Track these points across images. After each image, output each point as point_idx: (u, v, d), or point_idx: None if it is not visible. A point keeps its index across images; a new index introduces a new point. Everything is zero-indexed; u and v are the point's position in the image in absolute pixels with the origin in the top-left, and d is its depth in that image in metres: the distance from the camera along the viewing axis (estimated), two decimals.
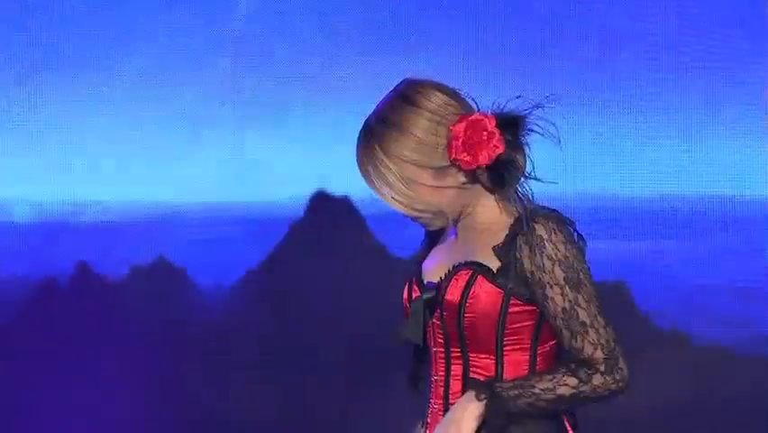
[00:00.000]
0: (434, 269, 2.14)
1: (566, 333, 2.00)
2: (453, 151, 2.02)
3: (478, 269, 2.04)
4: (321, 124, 5.13)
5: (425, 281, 2.12)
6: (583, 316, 1.99)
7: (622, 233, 5.00)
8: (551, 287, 1.99)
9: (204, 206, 5.20)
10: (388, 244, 5.15)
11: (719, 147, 4.92)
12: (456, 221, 2.11)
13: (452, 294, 2.05)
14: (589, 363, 1.98)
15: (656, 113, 4.93)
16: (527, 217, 2.01)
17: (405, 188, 2.04)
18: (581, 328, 1.99)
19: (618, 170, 4.99)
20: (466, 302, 2.04)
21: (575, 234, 2.04)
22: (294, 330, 5.20)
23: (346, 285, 5.18)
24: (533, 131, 2.06)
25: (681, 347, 5.02)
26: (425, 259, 2.19)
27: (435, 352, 2.12)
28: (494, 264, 2.03)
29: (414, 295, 2.13)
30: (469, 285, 2.04)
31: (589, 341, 1.99)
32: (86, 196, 5.22)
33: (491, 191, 2.08)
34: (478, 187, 2.08)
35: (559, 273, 1.99)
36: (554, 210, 2.06)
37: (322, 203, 5.20)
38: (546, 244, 1.99)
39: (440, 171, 2.05)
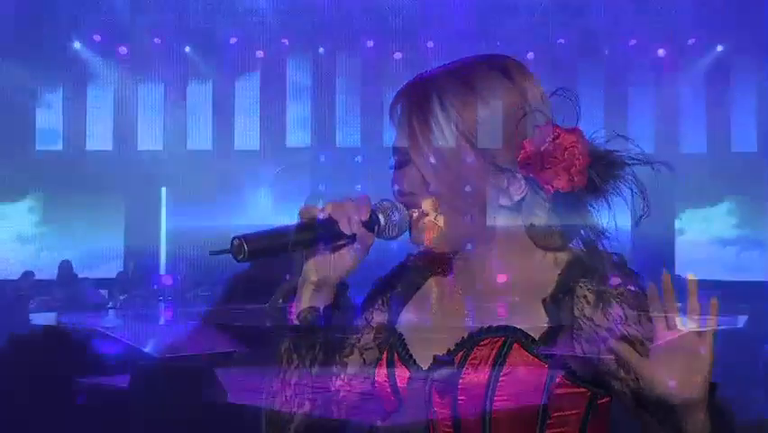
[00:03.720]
0: (427, 334, 1.84)
1: None
2: (527, 155, 1.81)
3: (510, 335, 1.77)
4: None
5: (436, 356, 1.78)
6: None
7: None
8: (641, 344, 1.74)
9: None
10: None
11: None
12: (455, 253, 1.84)
13: (475, 373, 1.77)
14: None
15: None
16: (591, 260, 1.80)
17: (442, 165, 1.77)
18: None
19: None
20: (497, 382, 1.74)
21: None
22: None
23: None
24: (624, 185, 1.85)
25: None
26: (398, 315, 1.89)
27: None
28: (535, 328, 1.76)
29: (398, 375, 1.81)
30: (499, 358, 1.75)
31: None
32: None
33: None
34: (519, 218, 1.85)
35: (648, 326, 1.77)
36: (616, 253, 1.86)
37: None
38: (626, 293, 1.77)
39: (497, 172, 1.82)
